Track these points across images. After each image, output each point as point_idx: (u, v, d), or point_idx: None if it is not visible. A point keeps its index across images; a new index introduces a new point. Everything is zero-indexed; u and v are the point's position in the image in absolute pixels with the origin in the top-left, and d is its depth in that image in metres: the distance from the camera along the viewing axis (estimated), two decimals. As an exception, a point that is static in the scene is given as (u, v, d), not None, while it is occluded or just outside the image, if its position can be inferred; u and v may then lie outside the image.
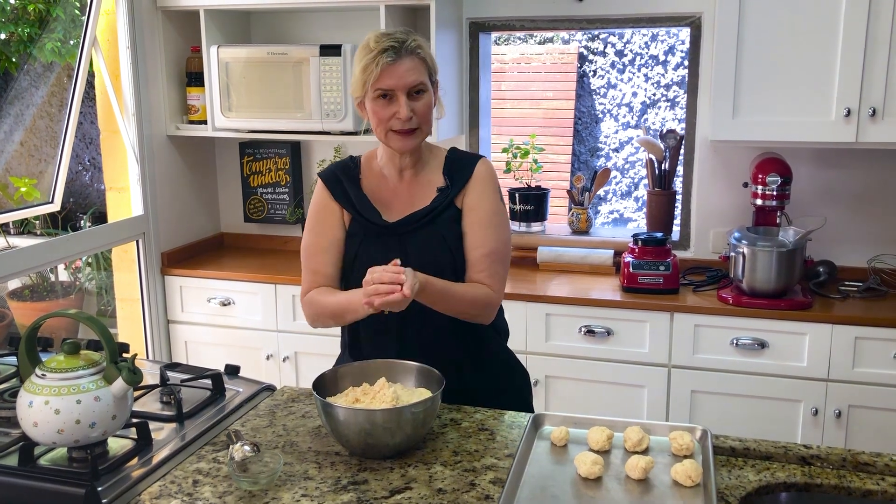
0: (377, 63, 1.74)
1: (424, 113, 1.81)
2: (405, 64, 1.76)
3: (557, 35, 6.19)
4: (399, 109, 1.77)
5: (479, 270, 1.85)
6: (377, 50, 1.75)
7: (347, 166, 1.95)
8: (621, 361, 2.89)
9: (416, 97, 1.79)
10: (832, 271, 3.01)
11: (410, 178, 1.91)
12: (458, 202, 1.88)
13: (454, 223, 1.87)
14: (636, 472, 1.48)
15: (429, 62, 1.82)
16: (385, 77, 1.75)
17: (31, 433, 1.51)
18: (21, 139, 5.04)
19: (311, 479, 1.52)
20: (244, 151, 3.63)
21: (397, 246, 1.85)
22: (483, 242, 1.85)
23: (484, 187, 1.88)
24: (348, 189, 1.90)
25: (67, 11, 4.69)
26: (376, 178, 1.93)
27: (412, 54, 1.77)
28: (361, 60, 1.77)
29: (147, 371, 1.94)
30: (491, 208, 1.87)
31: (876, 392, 2.67)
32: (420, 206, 1.88)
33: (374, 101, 1.79)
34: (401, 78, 1.76)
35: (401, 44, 1.76)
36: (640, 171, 6.07)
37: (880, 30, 2.63)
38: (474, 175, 1.88)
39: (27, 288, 4.74)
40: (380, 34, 1.79)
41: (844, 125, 2.71)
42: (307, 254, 1.92)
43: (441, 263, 1.83)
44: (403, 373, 1.74)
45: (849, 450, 1.57)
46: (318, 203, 1.93)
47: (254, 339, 3.29)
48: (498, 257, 1.87)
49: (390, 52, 1.75)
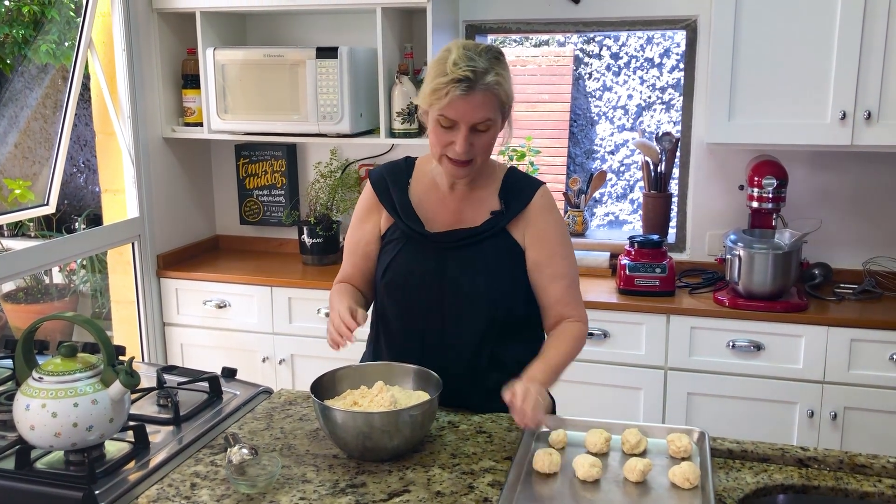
0: (447, 92, 1.63)
1: (485, 148, 1.73)
2: (476, 98, 1.64)
3: (553, 38, 6.20)
4: (458, 142, 1.68)
5: (566, 303, 1.84)
6: (452, 77, 1.63)
7: (398, 169, 1.90)
8: (618, 364, 2.89)
9: (479, 132, 1.69)
10: (828, 274, 3.02)
11: (463, 192, 1.83)
12: (511, 229, 1.81)
13: (501, 250, 1.80)
14: (634, 475, 1.49)
15: (501, 96, 1.68)
16: (452, 108, 1.65)
17: (27, 436, 1.50)
18: (15, 141, 5.03)
19: (309, 482, 1.51)
20: (240, 154, 3.62)
21: (435, 258, 1.80)
22: (563, 273, 1.83)
23: (549, 217, 1.83)
24: (393, 193, 1.86)
25: (62, 13, 4.68)
26: (427, 184, 1.86)
27: (487, 90, 1.65)
28: (434, 79, 1.66)
29: (143, 374, 1.94)
30: (562, 239, 1.84)
31: (871, 394, 2.67)
32: (467, 222, 1.81)
33: (436, 123, 1.70)
34: (467, 113, 1.65)
35: (477, 77, 1.63)
36: (636, 173, 6.07)
37: (875, 33, 2.63)
38: (534, 205, 1.81)
39: (21, 290, 4.73)
40: (463, 53, 1.65)
41: (840, 128, 2.72)
42: (345, 250, 1.95)
43: (478, 285, 1.78)
44: (401, 376, 1.73)
45: (846, 452, 1.58)
46: (362, 203, 1.92)
47: (250, 341, 3.28)
48: (576, 285, 1.87)
49: (464, 85, 1.63)
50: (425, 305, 1.80)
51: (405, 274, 1.82)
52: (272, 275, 3.27)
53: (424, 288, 1.80)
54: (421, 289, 1.80)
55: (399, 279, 1.82)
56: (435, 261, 1.80)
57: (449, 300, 1.79)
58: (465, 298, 1.79)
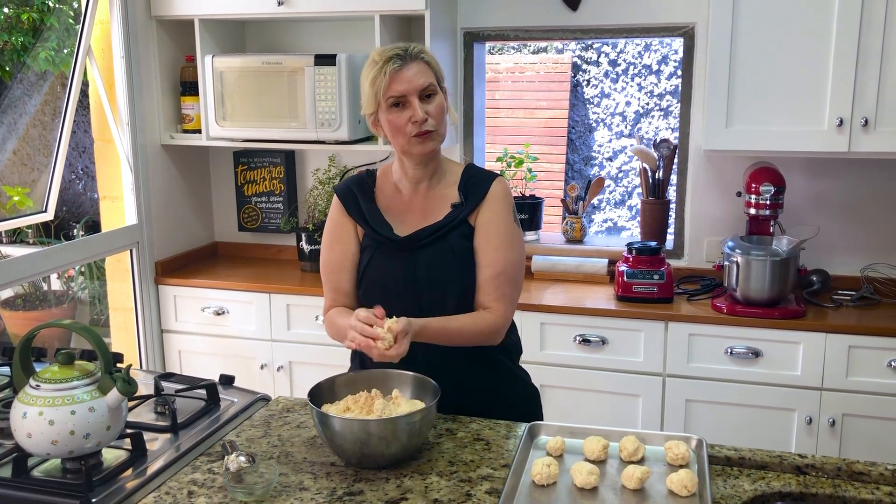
0: (384, 72, 1.76)
1: (438, 114, 1.81)
2: (412, 68, 1.78)
3: (551, 45, 6.21)
4: (413, 112, 1.77)
5: (487, 293, 1.84)
6: (382, 60, 1.77)
7: (363, 180, 1.95)
8: (616, 370, 2.89)
9: (427, 100, 1.80)
10: (825, 280, 3.02)
11: (425, 192, 1.90)
12: (471, 220, 1.86)
13: (465, 240, 1.85)
14: (632, 482, 1.48)
15: (434, 66, 1.83)
16: (394, 84, 1.77)
17: (24, 444, 1.50)
18: (14, 148, 5.03)
19: (307, 489, 1.51)
20: (238, 160, 3.63)
21: (407, 260, 1.84)
22: (493, 262, 1.84)
23: (498, 207, 1.86)
24: (361, 203, 1.90)
25: (61, 21, 4.69)
26: (391, 192, 1.92)
27: (417, 59, 1.79)
28: (369, 75, 1.80)
29: (141, 381, 1.93)
30: (503, 229, 1.86)
31: (869, 401, 2.67)
32: (433, 220, 1.86)
33: (388, 111, 1.80)
34: (410, 82, 1.77)
35: (404, 51, 1.79)
36: (634, 179, 6.08)
37: (872, 40, 2.64)
38: (489, 194, 1.87)
39: (19, 297, 4.73)
40: (381, 48, 1.82)
41: (837, 135, 2.73)
42: (325, 270, 1.93)
43: (449, 279, 1.83)
44: (399, 382, 1.73)
45: (844, 459, 1.58)
46: (333, 219, 1.94)
47: (248, 348, 3.28)
48: (507, 278, 1.85)
49: (395, 60, 1.77)
50: (402, 306, 1.80)
51: (380, 281, 1.86)
52: (270, 282, 3.27)
53: (400, 290, 1.84)
54: (397, 292, 1.84)
55: (375, 287, 1.87)
56: (406, 262, 1.85)
57: (425, 297, 1.84)
58: (439, 293, 1.84)
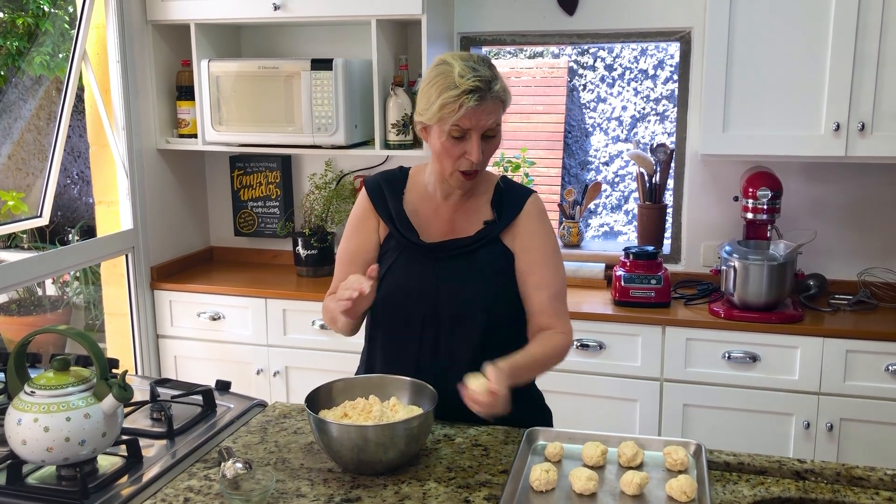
0: (461, 104, 1.65)
1: (490, 155, 1.76)
2: (488, 106, 1.68)
3: (547, 49, 6.22)
4: (472, 151, 1.70)
5: (549, 315, 1.81)
6: (463, 89, 1.65)
7: (394, 177, 1.91)
8: (613, 375, 2.89)
9: (487, 139, 1.73)
10: (822, 285, 3.02)
11: (456, 202, 1.85)
12: (503, 237, 1.83)
13: (495, 259, 1.81)
14: (631, 488, 1.48)
15: (506, 104, 1.73)
16: (466, 119, 1.67)
17: (19, 451, 1.49)
18: (9, 152, 5.02)
19: (304, 496, 1.50)
20: (234, 165, 3.62)
21: (431, 268, 1.81)
22: (548, 283, 1.82)
23: (538, 226, 1.84)
24: (389, 201, 1.86)
25: (56, 25, 4.68)
26: (420, 194, 1.87)
27: (495, 97, 1.69)
28: (442, 93, 1.67)
29: (136, 387, 1.92)
30: (549, 248, 1.84)
31: (867, 405, 2.67)
32: (461, 232, 1.83)
33: (446, 137, 1.70)
34: (480, 120, 1.68)
35: (487, 85, 1.67)
36: (631, 184, 6.08)
37: (868, 45, 2.65)
38: (525, 213, 1.83)
39: (14, 302, 4.71)
40: (464, 66, 1.67)
41: (834, 139, 2.73)
42: (339, 261, 1.91)
43: (473, 295, 1.79)
44: (397, 388, 1.73)
45: (843, 464, 1.57)
46: (358, 211, 1.90)
47: (244, 353, 3.27)
48: (562, 297, 1.84)
49: (476, 96, 1.65)
50: (421, 316, 1.80)
51: (401, 285, 1.82)
52: (267, 286, 3.26)
53: (420, 299, 1.80)
54: (417, 300, 1.80)
55: (395, 290, 1.82)
56: (430, 271, 1.80)
57: (445, 310, 1.79)
58: (461, 308, 1.79)
